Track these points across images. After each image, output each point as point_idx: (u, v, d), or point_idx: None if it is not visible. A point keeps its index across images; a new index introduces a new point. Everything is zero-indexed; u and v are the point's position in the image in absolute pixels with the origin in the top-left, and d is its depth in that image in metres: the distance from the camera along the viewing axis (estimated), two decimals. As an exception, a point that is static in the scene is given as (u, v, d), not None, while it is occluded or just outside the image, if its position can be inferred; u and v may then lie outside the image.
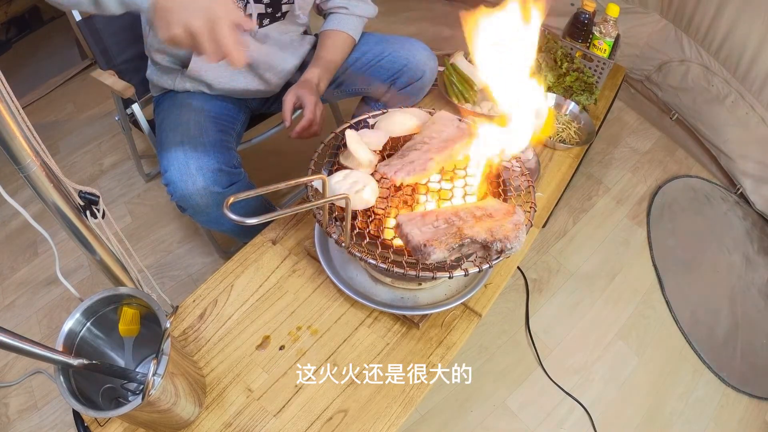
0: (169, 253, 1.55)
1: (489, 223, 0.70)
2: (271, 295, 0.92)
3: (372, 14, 1.20)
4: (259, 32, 1.02)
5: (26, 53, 2.36)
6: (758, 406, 1.36)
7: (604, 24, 1.36)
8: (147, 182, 1.75)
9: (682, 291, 1.55)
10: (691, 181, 1.89)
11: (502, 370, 1.33)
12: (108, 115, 2.00)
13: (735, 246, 1.70)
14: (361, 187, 0.75)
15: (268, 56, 1.07)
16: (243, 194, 0.60)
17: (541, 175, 1.19)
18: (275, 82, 1.13)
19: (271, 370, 0.83)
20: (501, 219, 0.71)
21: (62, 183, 0.61)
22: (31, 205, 0.83)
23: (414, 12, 2.62)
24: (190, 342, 0.86)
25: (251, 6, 0.97)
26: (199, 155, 0.94)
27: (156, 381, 0.61)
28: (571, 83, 1.37)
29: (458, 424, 1.23)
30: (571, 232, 1.66)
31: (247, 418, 0.78)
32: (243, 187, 1.03)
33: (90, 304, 0.67)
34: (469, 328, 0.90)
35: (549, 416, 1.26)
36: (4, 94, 0.51)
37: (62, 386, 0.61)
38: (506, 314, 1.43)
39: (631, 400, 1.31)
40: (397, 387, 0.82)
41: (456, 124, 0.84)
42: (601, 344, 1.41)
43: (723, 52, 1.71)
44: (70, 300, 1.43)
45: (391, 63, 1.16)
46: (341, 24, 1.14)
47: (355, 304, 0.91)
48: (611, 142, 1.99)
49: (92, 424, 0.76)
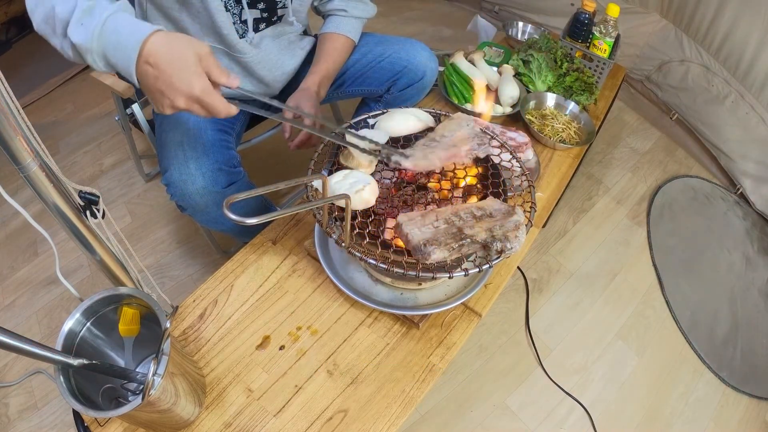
0: (169, 253, 1.55)
1: (489, 223, 0.70)
2: (271, 295, 0.92)
3: (371, 15, 1.19)
4: (255, 37, 1.01)
5: (26, 53, 2.36)
6: (758, 406, 1.36)
7: (604, 24, 1.36)
8: (147, 182, 1.75)
9: (682, 291, 1.56)
10: (691, 181, 1.89)
11: (502, 370, 1.33)
12: (108, 115, 2.01)
13: (735, 246, 1.70)
14: (361, 187, 0.75)
15: (266, 60, 1.07)
16: (243, 194, 0.60)
17: (541, 175, 1.19)
18: (275, 84, 1.13)
19: (271, 370, 0.83)
20: (501, 219, 0.71)
21: (62, 183, 0.61)
22: (31, 205, 0.84)
23: (414, 12, 2.63)
24: (190, 342, 0.86)
25: (246, 12, 0.97)
26: (199, 155, 0.94)
27: (156, 381, 0.61)
28: (571, 83, 1.37)
29: (458, 424, 1.23)
30: (571, 232, 1.66)
31: (247, 418, 0.78)
32: (243, 187, 1.03)
33: (90, 304, 0.67)
34: (469, 328, 0.90)
35: (549, 416, 1.26)
36: (4, 94, 0.51)
37: (62, 386, 0.61)
38: (506, 314, 1.43)
39: (631, 400, 1.31)
40: (397, 387, 0.82)
41: (471, 125, 0.84)
42: (601, 344, 1.41)
43: (723, 52, 1.71)
44: (70, 300, 1.43)
45: (391, 64, 1.15)
46: (340, 27, 1.13)
47: (355, 304, 0.91)
48: (611, 142, 1.99)
49: (92, 424, 0.76)
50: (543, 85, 1.39)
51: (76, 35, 0.67)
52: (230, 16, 0.95)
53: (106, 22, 0.66)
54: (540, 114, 1.33)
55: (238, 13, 0.96)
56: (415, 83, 1.17)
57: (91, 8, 0.67)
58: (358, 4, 1.15)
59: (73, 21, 0.67)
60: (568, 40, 1.45)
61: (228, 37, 0.97)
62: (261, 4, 0.98)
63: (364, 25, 1.19)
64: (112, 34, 0.66)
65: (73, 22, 0.67)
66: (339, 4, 1.13)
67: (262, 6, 0.99)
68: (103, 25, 0.66)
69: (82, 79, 2.16)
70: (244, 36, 0.99)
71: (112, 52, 0.67)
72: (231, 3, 0.94)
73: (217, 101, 0.68)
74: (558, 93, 1.36)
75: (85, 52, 0.68)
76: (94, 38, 0.66)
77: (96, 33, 0.66)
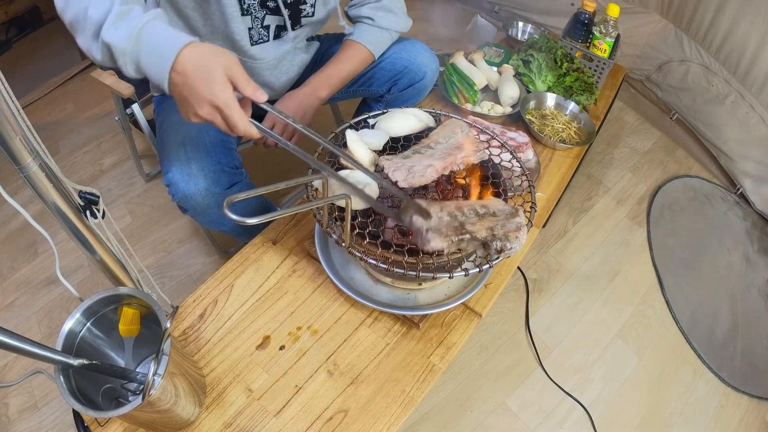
0: (169, 253, 1.55)
1: (491, 222, 0.70)
2: (272, 295, 0.92)
3: (401, 28, 1.12)
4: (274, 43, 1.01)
5: (26, 53, 2.36)
6: (758, 406, 1.36)
7: (604, 24, 1.36)
8: (147, 182, 1.75)
9: (682, 291, 1.56)
10: (691, 181, 1.89)
11: (502, 370, 1.33)
12: (108, 115, 2.00)
13: (735, 246, 1.70)
14: (361, 187, 0.75)
15: (275, 66, 1.07)
16: (243, 194, 0.60)
17: (541, 175, 1.19)
18: (278, 89, 1.13)
19: (271, 370, 0.83)
20: (503, 219, 0.71)
21: (62, 183, 0.62)
22: (31, 205, 0.83)
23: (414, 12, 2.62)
24: (190, 342, 0.86)
25: (271, 17, 0.96)
26: (201, 156, 0.94)
27: (156, 381, 0.61)
28: (571, 83, 1.37)
29: (458, 424, 1.23)
30: (571, 232, 1.66)
31: (247, 419, 0.78)
32: (244, 188, 1.03)
33: (90, 304, 0.67)
34: (469, 328, 0.90)
35: (549, 416, 1.26)
36: (4, 94, 0.51)
37: (62, 386, 0.61)
38: (506, 314, 1.43)
39: (631, 400, 1.31)
40: (397, 387, 0.82)
41: (465, 131, 0.84)
42: (601, 344, 1.41)
43: (723, 52, 1.71)
44: (70, 300, 1.43)
45: (392, 65, 1.15)
46: (363, 36, 1.09)
47: (355, 304, 0.91)
48: (611, 142, 1.99)
49: (92, 424, 0.76)
50: (543, 85, 1.39)
51: (110, 36, 0.67)
52: (247, 21, 0.94)
53: (144, 26, 0.67)
54: (540, 114, 1.33)
55: (261, 18, 0.96)
56: (416, 83, 1.17)
57: (127, 12, 0.68)
58: (387, 15, 1.09)
59: (108, 23, 0.67)
60: (568, 40, 1.45)
61: (239, 42, 0.97)
62: (286, 11, 0.97)
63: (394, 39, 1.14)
64: (149, 38, 0.67)
65: (108, 24, 0.67)
66: (367, 11, 1.08)
67: (287, 13, 0.98)
68: (141, 29, 0.67)
69: (82, 79, 2.16)
70: (257, 43, 0.99)
71: (147, 57, 0.68)
72: (255, 7, 0.93)
73: (237, 114, 0.68)
74: (558, 93, 1.36)
75: (118, 54, 0.68)
76: (130, 41, 0.67)
77: (133, 36, 0.67)
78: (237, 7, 0.91)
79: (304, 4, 0.98)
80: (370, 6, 1.08)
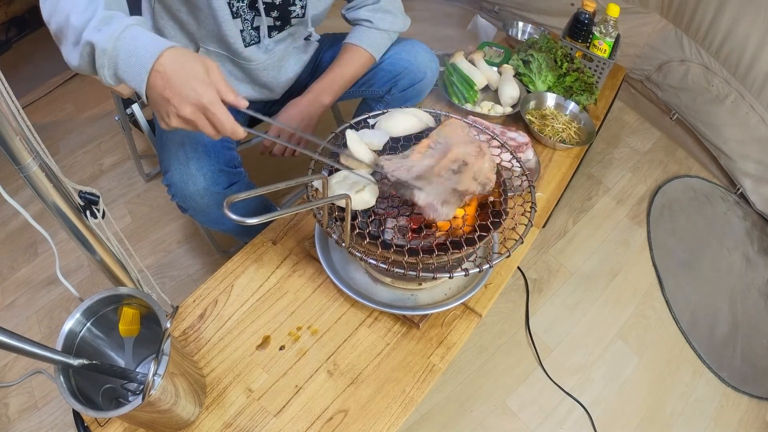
0: (169, 253, 1.55)
1: (469, 172, 0.73)
2: (271, 295, 0.92)
3: (400, 28, 1.11)
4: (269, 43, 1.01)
5: (26, 53, 2.36)
6: (758, 406, 1.36)
7: (604, 24, 1.36)
8: (147, 182, 1.75)
9: (682, 291, 1.56)
10: (691, 181, 1.89)
11: (502, 370, 1.33)
12: (108, 115, 2.00)
13: (735, 246, 1.70)
14: (361, 187, 0.75)
15: (271, 66, 1.06)
16: (243, 194, 0.60)
17: (541, 175, 1.19)
18: (277, 89, 1.13)
19: (271, 370, 0.83)
20: (476, 162, 0.74)
21: (62, 183, 0.62)
22: (31, 205, 0.84)
23: (414, 12, 2.62)
24: (190, 342, 0.86)
25: (259, 19, 0.96)
26: (200, 156, 0.94)
27: (156, 381, 0.61)
28: (571, 83, 1.37)
29: (458, 424, 1.23)
30: (571, 232, 1.67)
31: (248, 419, 0.78)
32: (243, 187, 1.03)
33: (90, 304, 0.67)
34: (469, 328, 0.90)
35: (549, 416, 1.26)
36: (4, 94, 0.51)
37: (62, 386, 0.61)
38: (506, 314, 1.43)
39: (631, 400, 1.31)
40: (398, 387, 0.82)
41: (466, 132, 0.84)
42: (601, 344, 1.41)
43: (723, 52, 1.71)
44: (70, 300, 1.43)
45: (392, 65, 1.15)
46: (362, 39, 1.08)
47: (355, 304, 0.91)
48: (611, 142, 1.99)
49: (92, 424, 0.76)
50: (543, 85, 1.39)
51: (93, 36, 0.66)
52: (238, 24, 0.94)
53: (126, 29, 0.66)
54: (540, 114, 1.33)
55: (250, 20, 0.95)
56: (416, 84, 1.16)
57: (110, 17, 0.67)
58: (386, 16, 1.08)
59: (90, 27, 0.66)
60: (568, 40, 1.45)
61: (234, 45, 0.97)
62: (275, 12, 0.97)
63: (393, 40, 1.13)
64: (131, 41, 0.66)
65: (90, 27, 0.66)
66: (365, 14, 1.07)
67: (275, 14, 0.98)
68: (123, 31, 0.66)
69: (82, 79, 2.16)
70: (250, 45, 0.99)
71: (126, 59, 0.66)
72: (244, 9, 0.93)
73: (223, 114, 0.67)
74: (558, 93, 1.36)
75: (99, 54, 0.67)
76: (111, 41, 0.65)
77: (114, 37, 0.65)
78: (227, 10, 0.91)
79: (293, 6, 0.98)
80: (368, 8, 1.08)
